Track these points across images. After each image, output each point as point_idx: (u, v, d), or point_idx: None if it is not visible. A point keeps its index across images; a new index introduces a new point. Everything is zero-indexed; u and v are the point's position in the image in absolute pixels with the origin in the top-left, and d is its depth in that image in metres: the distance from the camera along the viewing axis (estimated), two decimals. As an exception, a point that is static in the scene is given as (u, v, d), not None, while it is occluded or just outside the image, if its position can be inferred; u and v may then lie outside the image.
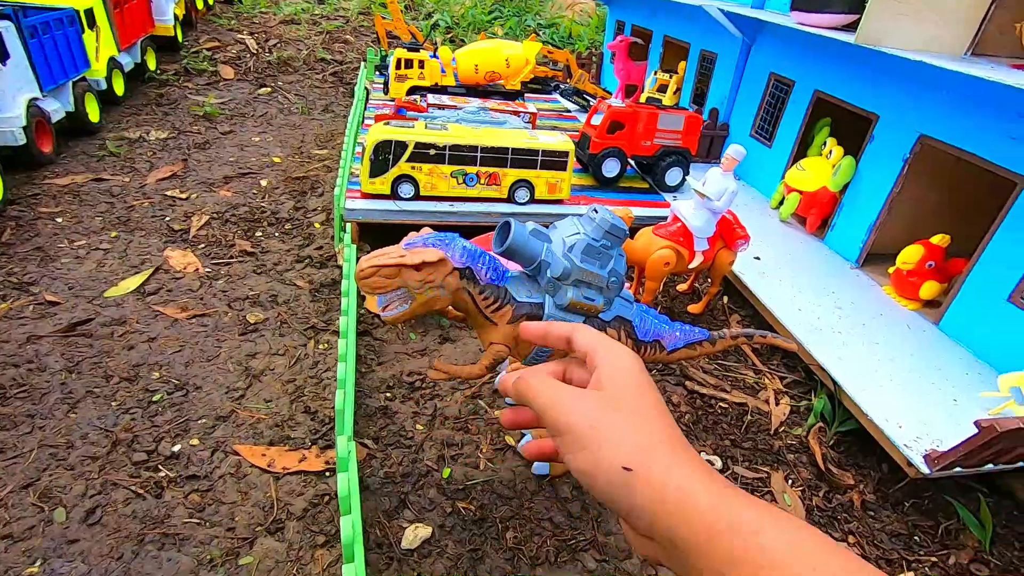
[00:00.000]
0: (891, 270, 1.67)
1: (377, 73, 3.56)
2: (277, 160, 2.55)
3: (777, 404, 1.42)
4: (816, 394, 1.42)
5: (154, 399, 1.26)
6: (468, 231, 1.70)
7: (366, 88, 3.18)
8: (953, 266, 1.59)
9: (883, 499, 1.21)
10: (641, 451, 0.30)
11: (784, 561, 0.25)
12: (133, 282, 1.62)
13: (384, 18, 4.04)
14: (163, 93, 3.16)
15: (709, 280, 1.71)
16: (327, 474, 1.14)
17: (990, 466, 1.10)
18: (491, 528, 1.06)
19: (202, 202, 2.11)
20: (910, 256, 1.58)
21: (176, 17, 3.59)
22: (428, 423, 1.28)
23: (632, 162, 2.29)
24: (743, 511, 0.27)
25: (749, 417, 1.37)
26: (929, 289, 1.58)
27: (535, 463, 1.15)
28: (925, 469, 1.09)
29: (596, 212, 0.89)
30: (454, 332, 1.58)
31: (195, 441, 1.18)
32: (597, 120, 2.21)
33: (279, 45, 4.13)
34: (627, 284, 1.73)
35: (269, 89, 3.48)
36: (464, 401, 1.35)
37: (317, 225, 2.03)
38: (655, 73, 3.12)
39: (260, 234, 1.95)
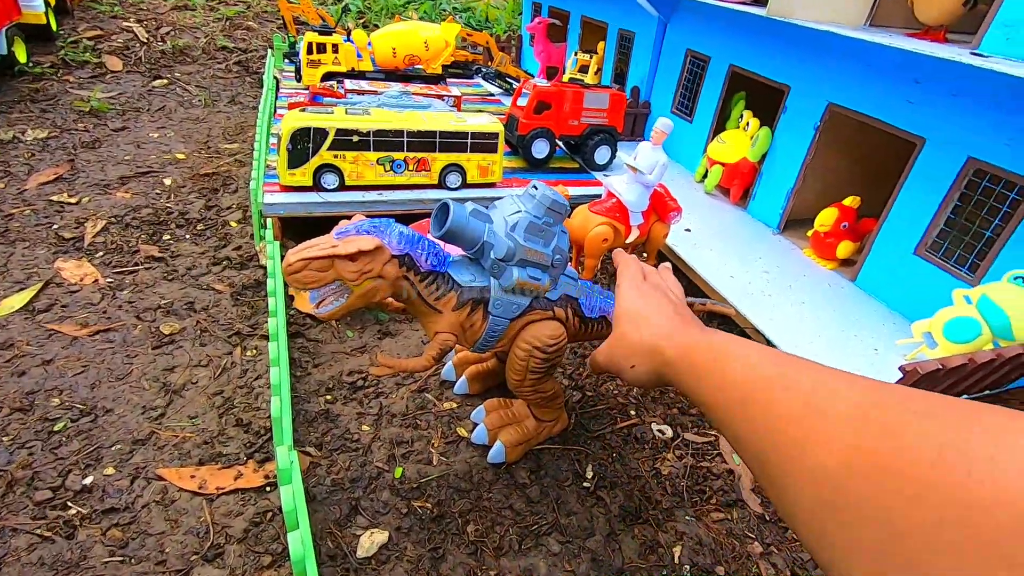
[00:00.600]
0: (809, 233, 1.76)
1: (286, 61, 3.36)
2: (181, 157, 2.34)
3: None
4: (753, 356, 1.48)
5: (56, 428, 1.12)
6: (400, 220, 1.63)
7: (276, 77, 2.98)
8: (864, 225, 1.69)
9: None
10: (633, 355, 0.49)
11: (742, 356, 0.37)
12: (18, 300, 1.43)
13: (290, 2, 3.81)
14: (39, 88, 2.81)
15: (645, 255, 1.73)
16: (268, 489, 1.06)
17: (912, 407, 1.18)
18: (451, 524, 1.02)
19: (96, 206, 1.90)
20: (826, 219, 1.68)
21: (47, 3, 3.20)
22: (374, 423, 1.21)
23: (560, 143, 2.29)
24: (706, 345, 0.41)
25: (694, 384, 1.41)
26: (845, 249, 1.68)
27: (491, 452, 1.12)
28: (857, 416, 1.15)
29: (536, 188, 0.85)
30: (394, 326, 1.51)
31: (110, 470, 1.05)
32: (523, 101, 2.18)
33: (173, 33, 3.80)
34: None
35: (165, 81, 3.19)
36: (411, 396, 1.29)
37: (233, 224, 1.88)
38: (575, 54, 3.13)
39: (168, 237, 1.78)
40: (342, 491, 1.06)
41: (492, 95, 3.18)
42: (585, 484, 1.13)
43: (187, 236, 1.80)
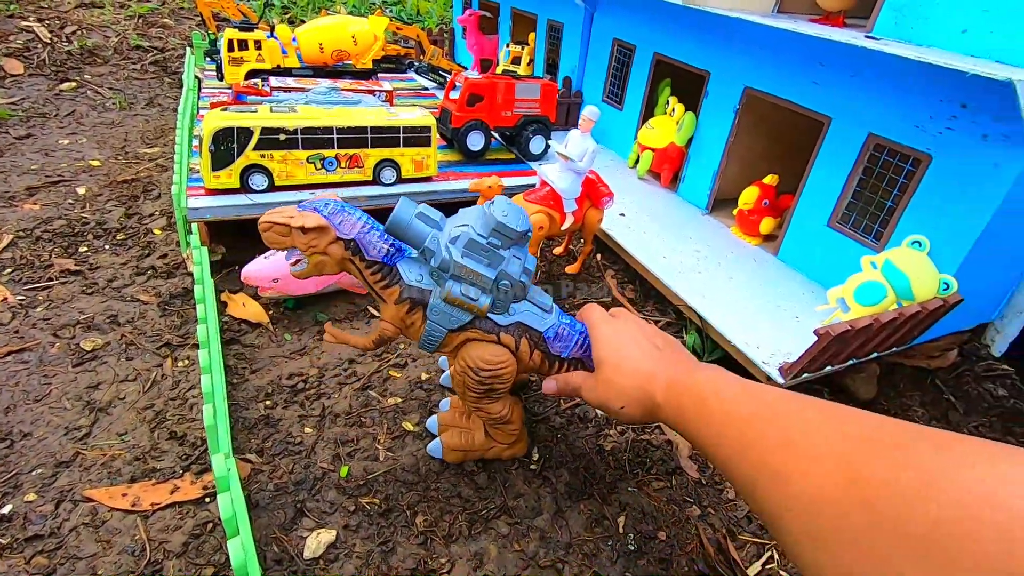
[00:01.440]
0: (735, 212, 1.85)
1: (207, 59, 3.21)
2: (96, 163, 2.21)
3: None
4: (687, 331, 1.54)
5: (-33, 458, 1.04)
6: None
7: (196, 76, 2.85)
8: (783, 202, 1.80)
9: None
10: (622, 397, 0.55)
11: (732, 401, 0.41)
12: (-84, 324, 1.32)
13: (207, -3, 3.63)
14: (-74, 95, 2.58)
15: (582, 240, 1.77)
16: (207, 500, 1.03)
17: (829, 368, 1.27)
18: (399, 517, 1.03)
19: (1, 219, 1.77)
20: (748, 197, 1.76)
21: (-70, 1, 2.93)
22: (317, 424, 1.20)
23: (495, 134, 2.30)
24: (690, 387, 0.45)
25: (633, 362, 1.46)
26: (767, 225, 1.78)
27: (430, 444, 1.12)
28: (780, 380, 1.23)
29: (491, 205, 0.82)
30: (334, 326, 1.48)
31: (31, 496, 1.00)
32: (455, 94, 2.17)
33: (79, 32, 3.56)
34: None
35: (74, 84, 3.00)
36: (354, 395, 1.28)
37: (157, 231, 1.79)
38: (508, 46, 3.14)
39: (85, 249, 1.68)
40: (286, 495, 1.05)
41: (426, 89, 3.15)
42: (532, 466, 1.15)
43: (106, 247, 1.70)
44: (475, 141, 2.18)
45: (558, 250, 1.88)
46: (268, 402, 1.24)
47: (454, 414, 1.12)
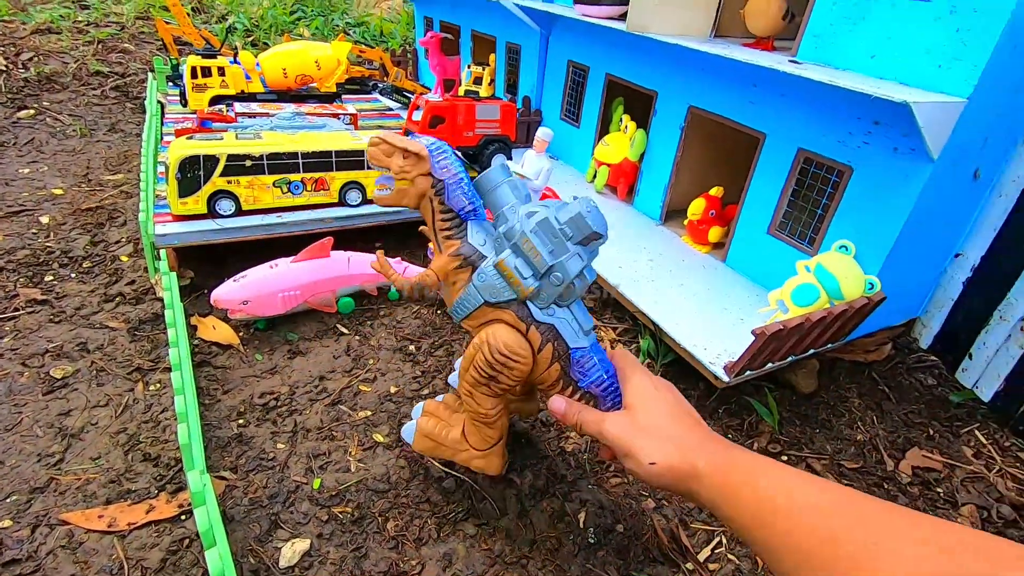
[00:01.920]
0: (685, 222, 1.96)
1: (170, 84, 3.22)
2: (59, 192, 2.21)
3: (612, 349, 1.61)
4: (642, 336, 1.64)
5: (-61, 489, 1.06)
6: (301, 242, 1.66)
7: (159, 101, 2.86)
8: (729, 212, 1.92)
9: (703, 411, 1.44)
10: (656, 453, 0.49)
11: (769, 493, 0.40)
12: None
13: (168, 23, 3.65)
14: None
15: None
16: (183, 517, 1.06)
17: (770, 365, 1.38)
18: (371, 524, 1.08)
19: (-37, 252, 1.77)
20: (696, 208, 1.88)
21: None
22: (289, 440, 1.24)
23: (459, 153, 2.38)
24: (740, 464, 0.44)
25: (592, 368, 1.54)
26: (714, 233, 1.90)
27: (405, 426, 1.13)
28: (726, 378, 1.32)
29: (575, 199, 0.81)
30: (304, 344, 1.53)
31: (7, 523, 1.02)
32: (418, 116, 2.25)
33: (37, 59, 3.52)
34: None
35: (32, 111, 2.97)
36: (325, 410, 1.33)
37: (124, 258, 1.81)
38: (469, 66, 3.24)
39: (51, 278, 1.69)
40: (261, 508, 1.09)
41: (391, 110, 3.22)
42: (497, 470, 1.22)
43: (73, 275, 1.72)
44: (438, 161, 2.26)
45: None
46: (241, 420, 1.28)
47: (439, 406, 1.10)
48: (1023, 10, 1.13)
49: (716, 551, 1.11)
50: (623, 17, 1.98)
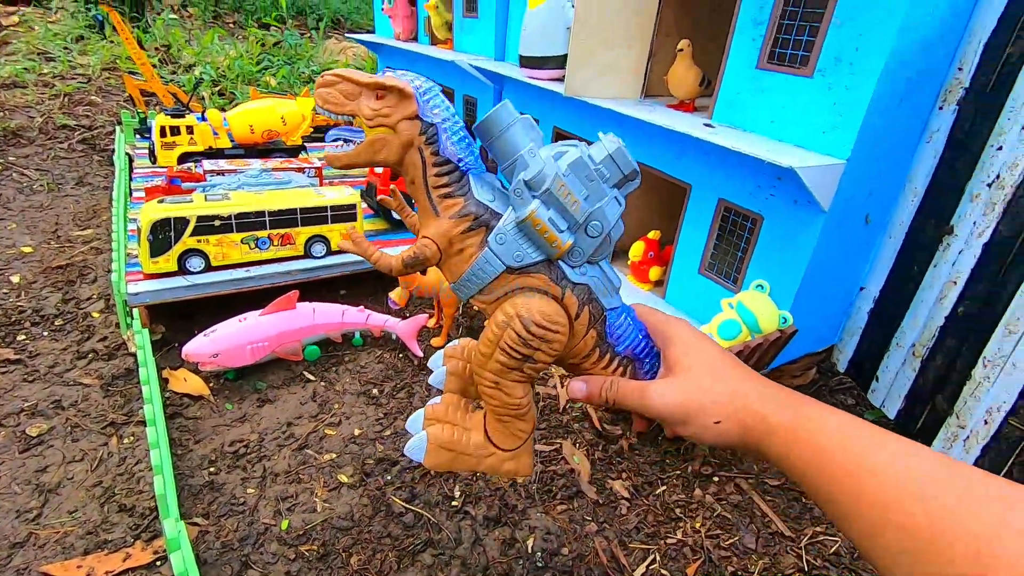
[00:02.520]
0: (629, 263, 2.14)
1: (138, 136, 3.31)
2: (28, 250, 2.27)
3: (562, 387, 1.75)
4: (589, 372, 1.78)
5: (-80, 549, 1.12)
6: (269, 294, 1.77)
7: (128, 154, 2.95)
8: (666, 253, 2.10)
9: (643, 439, 1.59)
10: (720, 408, 0.44)
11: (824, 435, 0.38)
12: None
13: (133, 74, 3.76)
14: None
15: (497, 296, 2.00)
16: (158, 563, 1.14)
17: (699, 395, 1.53)
18: (335, 560, 1.18)
19: (-67, 314, 1.82)
20: (636, 251, 2.06)
21: None
22: (259, 485, 1.33)
23: (419, 202, 2.53)
24: (803, 410, 0.39)
25: (542, 402, 1.68)
26: (654, 273, 2.07)
27: (409, 442, 0.72)
28: (659, 409, 1.47)
29: (604, 134, 0.66)
30: (272, 393, 1.63)
31: (-12, 578, 1.09)
32: (379, 168, 2.40)
33: (2, 114, 3.58)
34: (428, 314, 1.95)
35: (-1, 168, 3.03)
36: (292, 455, 1.42)
37: (96, 314, 1.89)
38: (429, 116, 3.42)
39: (23, 337, 1.76)
40: (232, 551, 1.18)
41: (356, 158, 3.37)
42: (454, 503, 1.33)
43: (45, 333, 1.79)
44: (400, 210, 2.40)
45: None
46: (212, 468, 1.37)
47: (447, 408, 0.79)
48: (883, 88, 1.34)
49: (651, 567, 1.24)
50: (564, 79, 2.18)
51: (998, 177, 1.37)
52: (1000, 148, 1.36)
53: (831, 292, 1.74)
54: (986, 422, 1.37)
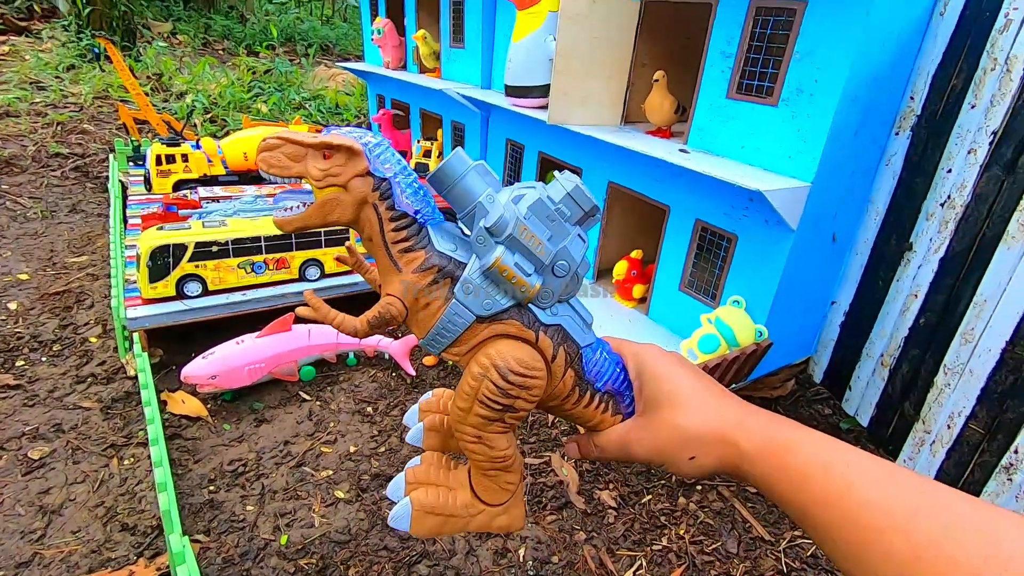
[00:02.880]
0: (613, 281, 2.23)
1: (131, 164, 3.37)
2: (24, 277, 2.31)
3: (551, 402, 1.82)
4: (576, 387, 1.85)
5: (-73, 571, 1.15)
6: (265, 316, 1.82)
7: (121, 182, 3.01)
8: (649, 271, 2.19)
9: (629, 451, 1.65)
10: (692, 445, 0.44)
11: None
12: None
13: (128, 106, 3.83)
14: None
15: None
16: (161, 579, 1.18)
17: (681, 407, 1.60)
18: (334, 572, 1.22)
19: (-68, 342, 1.85)
20: (620, 270, 2.15)
21: None
22: (258, 502, 1.38)
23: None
24: (777, 433, 0.39)
25: (531, 418, 1.74)
26: (638, 291, 2.16)
27: (393, 510, 0.63)
28: (643, 420, 1.54)
29: (560, 173, 0.64)
30: (269, 413, 1.68)
31: (-5, 597, 1.12)
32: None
33: (-5, 144, 3.63)
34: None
35: (-7, 196, 3.06)
36: (290, 472, 1.47)
37: (93, 339, 1.93)
38: (418, 141, 3.53)
39: (22, 363, 1.79)
40: (233, 566, 1.22)
41: (347, 182, 3.46)
42: (447, 516, 1.38)
43: (43, 359, 1.82)
44: (391, 234, 2.48)
45: (468, 325, 2.16)
46: (211, 487, 1.41)
47: (428, 468, 0.74)
48: (842, 116, 1.45)
49: (638, 573, 1.30)
50: (547, 107, 2.29)
51: (949, 197, 1.47)
52: (950, 171, 1.47)
53: (804, 306, 1.83)
54: (949, 426, 1.45)
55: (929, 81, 1.50)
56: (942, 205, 1.50)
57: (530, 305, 0.62)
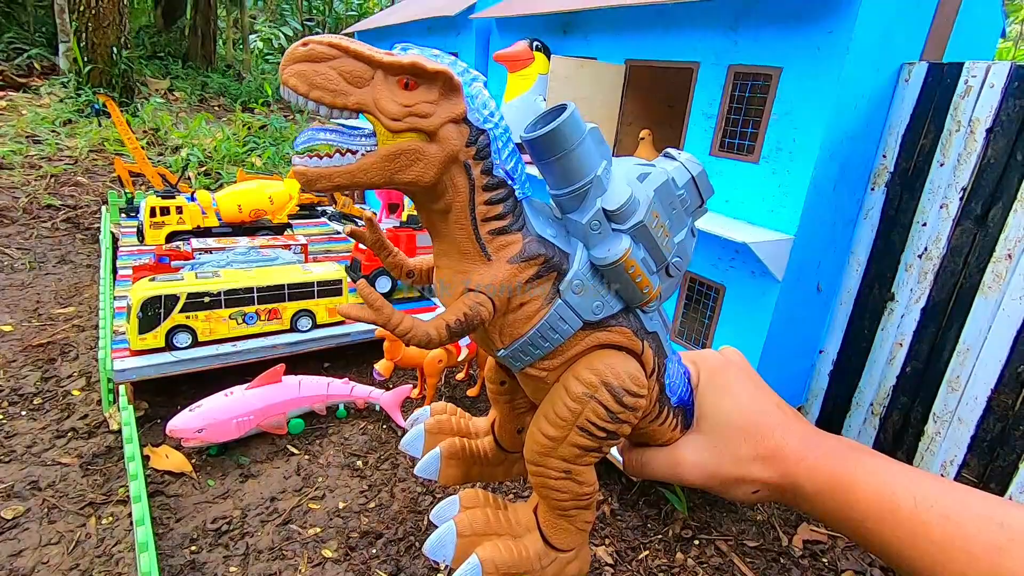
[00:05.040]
0: (604, 331, 2.24)
1: (123, 215, 3.38)
2: (7, 328, 2.27)
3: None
4: (570, 438, 1.83)
5: None
6: (254, 367, 1.80)
7: (113, 233, 3.01)
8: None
9: (624, 504, 1.62)
10: (749, 481, 0.41)
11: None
12: None
13: (125, 160, 3.89)
14: None
15: (478, 366, 2.07)
16: (136, 649, 1.11)
17: (676, 458, 1.59)
18: (321, 638, 1.16)
19: (-93, 395, 1.80)
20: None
21: None
22: (241, 563, 1.32)
23: (402, 275, 2.63)
24: (833, 465, 0.37)
25: (525, 470, 1.71)
26: (629, 340, 2.18)
27: (459, 571, 0.47)
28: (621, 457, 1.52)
29: (665, 154, 0.51)
30: (255, 467, 1.63)
31: (-45, 672, 1.04)
32: (364, 245, 2.51)
33: (-13, 195, 3.64)
34: (411, 384, 1.99)
35: (-20, 247, 3.05)
36: (276, 530, 1.42)
37: (76, 392, 1.88)
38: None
39: (1, 417, 1.74)
40: (214, 633, 1.15)
41: (338, 233, 3.49)
42: (439, 574, 1.33)
43: (23, 413, 1.77)
44: (383, 284, 2.50)
45: (460, 376, 2.15)
46: (193, 547, 1.35)
47: (480, 514, 0.53)
48: (820, 172, 1.52)
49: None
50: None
51: (926, 249, 1.53)
52: (925, 224, 1.54)
53: (793, 354, 1.86)
54: (942, 476, 1.45)
55: (899, 141, 1.59)
56: (919, 256, 1.55)
57: (637, 310, 0.49)
